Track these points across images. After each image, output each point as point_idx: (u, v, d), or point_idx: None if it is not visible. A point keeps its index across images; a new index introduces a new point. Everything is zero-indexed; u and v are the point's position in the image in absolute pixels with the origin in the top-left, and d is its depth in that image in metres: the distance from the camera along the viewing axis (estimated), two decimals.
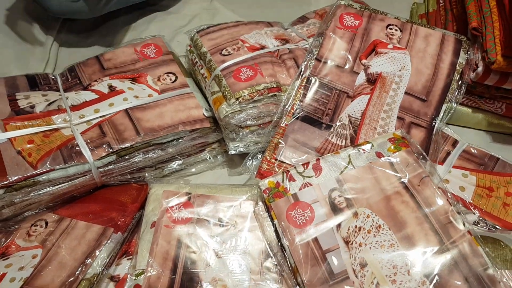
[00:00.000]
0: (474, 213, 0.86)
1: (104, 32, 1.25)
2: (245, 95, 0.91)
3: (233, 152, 0.95)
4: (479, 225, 0.85)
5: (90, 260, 0.79)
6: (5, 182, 0.79)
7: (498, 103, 1.03)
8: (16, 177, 0.80)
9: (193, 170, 1.01)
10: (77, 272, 0.77)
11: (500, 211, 0.86)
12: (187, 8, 1.31)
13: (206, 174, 1.01)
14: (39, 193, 0.83)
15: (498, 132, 1.08)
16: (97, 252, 0.80)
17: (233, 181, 1.00)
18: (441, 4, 1.18)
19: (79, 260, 0.79)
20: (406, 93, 0.94)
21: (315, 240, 0.78)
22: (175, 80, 1.01)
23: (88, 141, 0.88)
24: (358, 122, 0.92)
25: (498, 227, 0.84)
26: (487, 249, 0.76)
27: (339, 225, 0.80)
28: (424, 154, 0.86)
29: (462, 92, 0.96)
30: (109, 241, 0.82)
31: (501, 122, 1.06)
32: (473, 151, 0.95)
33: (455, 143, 0.96)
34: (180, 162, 0.97)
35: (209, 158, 1.01)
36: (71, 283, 0.76)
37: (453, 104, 0.95)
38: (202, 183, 0.93)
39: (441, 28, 1.08)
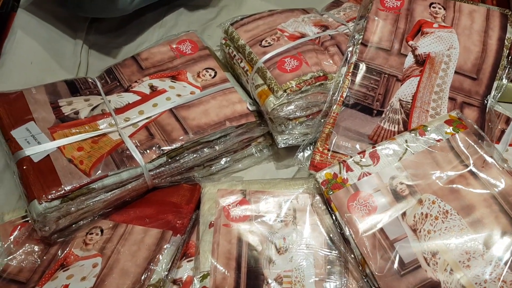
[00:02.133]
0: None
1: (133, 31, 1.22)
2: (292, 86, 0.88)
3: (282, 145, 0.93)
4: None
5: (153, 265, 0.77)
6: (61, 192, 0.77)
7: None
8: (71, 186, 0.78)
9: (240, 166, 0.99)
10: (142, 278, 0.76)
11: None
12: (214, 1, 1.28)
13: (253, 169, 0.99)
14: (94, 200, 0.81)
15: None
16: (160, 257, 0.78)
17: (281, 175, 0.98)
18: None
19: (141, 265, 0.78)
20: (456, 72, 0.92)
21: (381, 230, 0.77)
22: (214, 76, 0.99)
23: (138, 144, 0.86)
24: (409, 106, 0.90)
25: None
26: None
27: (404, 213, 0.78)
28: (483, 133, 0.84)
29: None
30: (169, 245, 0.80)
31: None
32: None
33: (508, 120, 0.94)
34: (228, 158, 0.95)
35: (255, 152, 0.99)
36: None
37: (504, 80, 0.93)
38: (254, 179, 0.91)
39: (478, 3, 1.05)
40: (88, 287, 0.75)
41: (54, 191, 0.77)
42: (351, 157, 0.84)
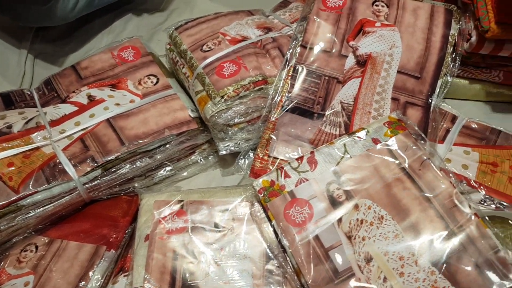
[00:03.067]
0: (479, 192, 0.82)
1: (81, 39, 1.20)
2: (230, 92, 0.86)
3: (224, 152, 0.91)
4: (485, 204, 0.81)
5: (84, 282, 0.75)
6: None
7: (495, 72, 0.98)
8: None
9: (185, 174, 0.97)
10: None
11: (506, 186, 0.82)
12: (164, 4, 1.26)
13: (198, 177, 0.97)
14: (24, 217, 0.79)
15: (497, 102, 1.03)
16: (91, 274, 0.76)
17: (227, 182, 0.96)
18: None
19: (72, 283, 0.76)
20: (398, 72, 0.90)
21: (316, 237, 0.75)
22: (156, 83, 0.97)
23: (71, 157, 0.84)
24: (351, 108, 0.88)
25: (505, 203, 0.81)
26: (496, 230, 0.72)
27: (340, 220, 0.76)
28: (423, 135, 0.82)
29: (457, 64, 0.91)
30: (102, 261, 0.78)
31: (500, 91, 1.01)
32: (473, 125, 0.90)
33: (454, 119, 0.92)
34: (169, 168, 0.93)
35: (200, 160, 0.97)
36: None
37: (449, 78, 0.91)
38: (194, 188, 0.89)
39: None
40: None
41: None
42: (289, 163, 0.82)
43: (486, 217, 0.73)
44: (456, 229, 0.72)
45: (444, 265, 0.70)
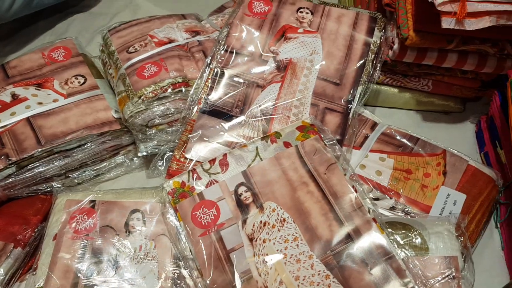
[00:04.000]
0: (389, 198, 0.82)
1: (23, 39, 1.20)
2: (147, 93, 0.87)
3: (144, 153, 0.91)
4: (395, 210, 0.82)
5: None
6: None
7: (424, 80, 0.99)
8: None
9: (110, 175, 0.97)
10: None
11: (418, 193, 0.83)
12: (108, 7, 1.27)
13: (123, 178, 0.97)
14: None
15: (429, 111, 1.04)
16: None
17: (152, 184, 0.95)
18: None
19: None
20: (318, 78, 0.90)
21: (220, 239, 0.75)
22: (84, 83, 0.97)
23: None
24: (270, 112, 0.88)
25: (415, 210, 0.81)
26: (396, 236, 0.73)
27: (244, 222, 0.76)
28: (335, 140, 0.83)
29: (377, 72, 0.92)
30: (8, 258, 0.78)
31: (430, 100, 1.02)
32: (392, 132, 0.91)
33: (374, 126, 0.92)
34: (91, 168, 0.93)
35: (125, 161, 0.97)
36: None
37: (369, 84, 0.92)
38: (109, 189, 0.89)
39: (365, 8, 1.04)
40: None
41: None
42: (201, 165, 0.82)
43: (385, 223, 0.74)
44: (353, 234, 0.72)
45: (339, 269, 0.70)
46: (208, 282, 0.72)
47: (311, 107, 0.89)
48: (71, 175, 0.92)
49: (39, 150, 0.85)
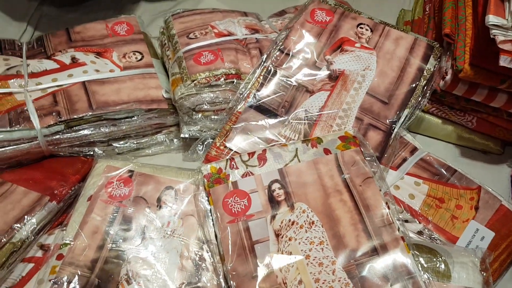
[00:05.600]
0: (418, 223, 0.82)
1: (87, 10, 1.25)
2: (201, 78, 0.89)
3: (186, 135, 0.93)
4: (423, 236, 0.82)
5: (18, 224, 0.78)
6: None
7: (469, 116, 1.00)
8: None
9: (148, 151, 0.99)
10: (2, 234, 0.76)
11: (447, 223, 0.83)
12: None
13: (160, 156, 1.00)
14: None
15: (467, 147, 1.04)
16: (27, 218, 0.79)
17: (187, 166, 0.97)
18: (426, 12, 1.15)
19: (8, 223, 0.78)
20: (367, 93, 0.92)
21: (247, 229, 0.76)
22: (140, 59, 1.00)
23: (39, 108, 0.88)
24: (314, 119, 0.90)
25: (441, 239, 0.81)
26: (421, 258, 0.73)
27: (273, 217, 0.77)
28: (374, 156, 0.84)
29: (426, 98, 0.93)
30: (42, 209, 0.81)
31: (471, 137, 1.02)
32: (431, 160, 0.91)
33: (414, 150, 0.93)
34: (133, 140, 0.96)
35: (165, 140, 1.00)
36: None
37: (416, 110, 0.93)
38: (148, 163, 0.91)
39: (422, 36, 1.05)
40: None
41: None
42: (240, 155, 0.84)
43: (413, 244, 0.74)
44: (379, 248, 0.73)
45: (360, 279, 0.71)
46: (229, 268, 0.73)
47: (355, 120, 0.90)
48: (113, 144, 0.95)
49: (90, 114, 0.89)
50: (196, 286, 0.76)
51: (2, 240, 0.76)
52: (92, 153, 0.93)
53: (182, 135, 0.93)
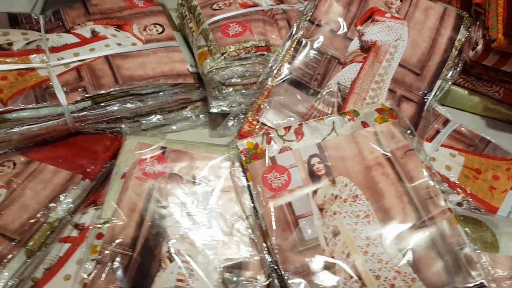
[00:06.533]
0: (458, 194, 0.82)
1: None
2: (231, 51, 0.87)
3: (215, 110, 0.91)
4: (462, 206, 0.82)
5: (53, 204, 0.76)
6: None
7: (496, 87, 0.99)
8: None
9: (174, 127, 0.97)
10: (38, 215, 0.74)
11: (486, 194, 0.83)
12: None
13: (186, 132, 0.98)
14: (8, 131, 0.79)
15: (493, 118, 1.04)
16: (62, 197, 0.77)
17: (214, 142, 0.96)
18: None
19: (42, 203, 0.76)
20: (400, 65, 0.90)
21: (289, 204, 0.75)
22: (161, 32, 0.97)
23: (64, 83, 0.84)
24: (347, 91, 0.88)
25: (482, 209, 0.81)
26: (467, 229, 0.73)
27: (315, 192, 0.76)
28: (412, 128, 0.83)
29: (458, 69, 0.92)
30: (76, 188, 0.79)
31: (497, 108, 1.02)
32: (464, 131, 0.91)
33: (446, 122, 0.93)
34: (159, 116, 0.93)
35: (191, 116, 0.97)
36: (31, 225, 0.73)
37: (448, 81, 0.92)
38: (178, 139, 0.89)
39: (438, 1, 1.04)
40: None
41: None
42: (276, 130, 0.83)
43: (460, 215, 0.74)
44: (427, 220, 0.72)
45: (409, 252, 0.70)
46: (273, 243, 0.72)
47: (388, 92, 0.89)
48: (139, 120, 0.92)
49: (117, 89, 0.85)
50: (238, 261, 0.75)
51: (39, 221, 0.74)
52: (118, 129, 0.90)
53: (211, 110, 0.91)
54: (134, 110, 0.89)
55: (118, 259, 0.71)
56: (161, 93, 0.90)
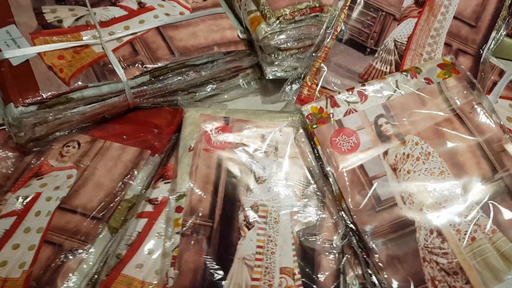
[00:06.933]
0: None
1: None
2: (286, 14, 0.85)
3: (270, 76, 0.90)
4: None
5: (128, 179, 0.76)
6: (38, 98, 0.75)
7: None
8: (49, 93, 0.75)
9: (226, 96, 0.96)
10: (114, 192, 0.75)
11: None
12: None
13: (238, 101, 0.97)
14: (72, 111, 0.79)
15: None
16: (136, 172, 0.77)
17: (267, 109, 0.96)
18: None
19: (116, 180, 0.76)
20: (455, 17, 0.89)
21: (361, 166, 0.76)
22: None
23: (121, 59, 0.83)
24: (403, 47, 0.87)
25: None
26: None
27: (386, 152, 0.77)
28: (475, 81, 0.83)
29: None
30: (147, 163, 0.79)
31: None
32: None
33: (501, 73, 0.92)
34: (213, 86, 0.93)
35: (243, 84, 0.96)
36: (109, 202, 0.74)
37: (502, 32, 0.91)
38: (238, 108, 0.89)
39: None
40: (61, 196, 0.74)
41: (31, 96, 0.74)
42: (339, 93, 0.82)
43: None
44: (502, 173, 0.73)
45: (488, 204, 0.71)
46: (350, 205, 0.73)
47: (444, 46, 0.88)
48: (194, 91, 0.92)
49: (174, 60, 0.84)
50: (312, 225, 0.76)
51: (117, 198, 0.74)
52: (175, 102, 0.90)
53: (267, 77, 0.90)
54: (189, 81, 0.88)
55: (201, 230, 0.73)
56: (215, 63, 0.89)
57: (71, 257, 0.68)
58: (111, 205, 0.74)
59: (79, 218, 0.72)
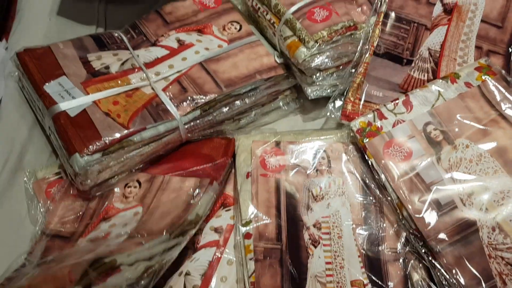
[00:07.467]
0: None
1: None
2: (324, 36, 0.88)
3: (312, 96, 0.93)
4: None
5: (193, 201, 0.78)
6: (101, 145, 0.77)
7: None
8: (111, 138, 0.78)
9: (267, 119, 0.99)
10: (180, 215, 0.76)
11: None
12: None
13: (280, 122, 1.00)
14: (132, 153, 0.82)
15: None
16: (199, 195, 0.79)
17: (308, 127, 0.99)
18: None
19: (180, 207, 0.77)
20: (482, 21, 0.92)
21: (417, 174, 0.79)
22: (240, 29, 0.98)
23: (172, 97, 0.86)
24: (438, 55, 0.91)
25: None
26: None
27: (439, 158, 0.80)
28: (510, 79, 0.86)
29: None
30: (208, 190, 0.81)
31: None
32: None
33: None
34: (258, 111, 0.96)
35: (283, 105, 0.99)
36: (175, 222, 0.74)
37: None
38: (285, 130, 0.92)
39: None
40: (129, 229, 0.76)
41: (95, 144, 0.77)
42: (384, 105, 0.85)
43: None
44: None
45: None
46: (412, 213, 0.76)
47: (475, 49, 0.91)
48: (239, 118, 0.95)
49: (222, 93, 0.87)
50: (376, 235, 0.79)
51: (182, 218, 0.75)
52: (221, 131, 0.93)
53: (309, 98, 0.93)
54: (236, 110, 0.91)
55: (272, 254, 0.75)
56: (257, 89, 0.92)
57: None
58: (177, 223, 0.74)
59: None
